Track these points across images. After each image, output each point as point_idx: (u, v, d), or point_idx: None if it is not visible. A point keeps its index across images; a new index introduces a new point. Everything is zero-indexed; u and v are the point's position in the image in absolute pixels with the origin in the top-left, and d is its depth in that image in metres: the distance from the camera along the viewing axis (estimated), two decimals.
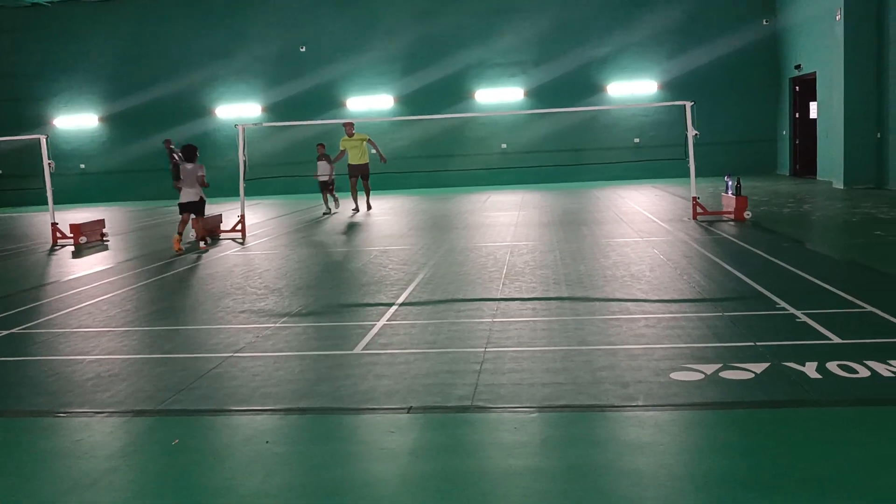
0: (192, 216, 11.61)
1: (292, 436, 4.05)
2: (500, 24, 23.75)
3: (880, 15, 16.64)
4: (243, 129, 13.36)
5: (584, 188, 20.61)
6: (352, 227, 13.91)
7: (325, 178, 16.94)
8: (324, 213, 16.69)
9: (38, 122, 25.06)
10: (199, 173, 11.55)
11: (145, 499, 3.37)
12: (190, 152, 11.68)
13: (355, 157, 16.89)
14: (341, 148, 16.93)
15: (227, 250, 11.42)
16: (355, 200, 17.24)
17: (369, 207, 17.32)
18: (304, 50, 24.45)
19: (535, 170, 21.30)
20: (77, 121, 25.64)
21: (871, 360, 4.71)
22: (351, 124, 16.89)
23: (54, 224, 13.47)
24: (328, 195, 17.13)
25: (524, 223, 13.14)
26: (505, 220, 13.84)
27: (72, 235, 13.08)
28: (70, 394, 4.84)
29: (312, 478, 3.49)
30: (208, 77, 24.95)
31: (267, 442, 3.92)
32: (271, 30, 24.62)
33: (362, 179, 17.09)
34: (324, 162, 17.08)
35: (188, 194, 11.51)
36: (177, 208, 11.78)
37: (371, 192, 17.53)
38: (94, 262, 10.80)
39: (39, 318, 7.17)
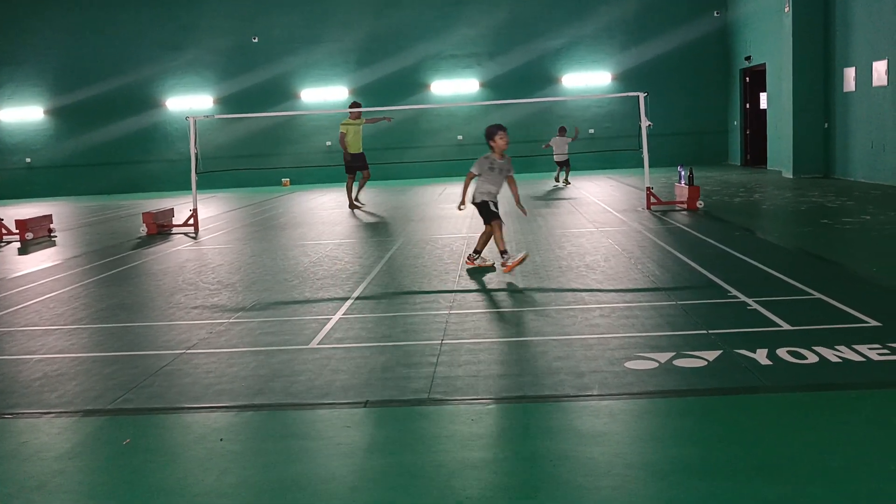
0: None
1: (247, 433, 3.99)
2: (455, 16, 23.74)
3: (827, 7, 17.00)
4: (194, 122, 13.15)
5: (540, 179, 20.70)
6: (307, 221, 13.77)
7: None
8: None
9: None
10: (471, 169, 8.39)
11: (95, 501, 3.30)
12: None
13: (357, 146, 15.03)
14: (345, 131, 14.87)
15: (179, 245, 11.22)
16: (350, 196, 15.19)
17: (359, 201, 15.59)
18: (256, 41, 24.14)
19: None
20: (22, 113, 24.96)
21: (819, 346, 4.81)
22: (359, 105, 15.16)
23: None
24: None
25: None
26: (460, 211, 13.79)
27: (17, 231, 12.74)
28: (16, 394, 4.71)
29: (268, 475, 3.44)
30: (158, 69, 24.51)
31: (221, 440, 3.85)
32: (223, 21, 24.25)
33: (361, 171, 15.14)
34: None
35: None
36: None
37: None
38: (41, 259, 10.53)
39: None
